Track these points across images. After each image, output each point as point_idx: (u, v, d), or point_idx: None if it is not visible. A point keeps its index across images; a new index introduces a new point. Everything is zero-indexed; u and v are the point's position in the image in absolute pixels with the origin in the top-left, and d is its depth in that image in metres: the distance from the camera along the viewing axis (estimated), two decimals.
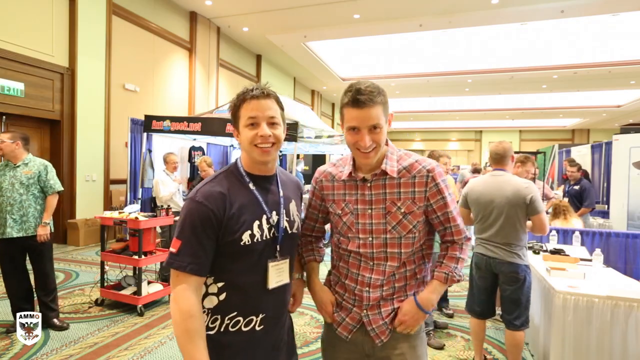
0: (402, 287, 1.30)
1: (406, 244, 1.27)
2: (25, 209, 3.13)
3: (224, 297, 1.15)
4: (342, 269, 1.35)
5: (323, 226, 1.47)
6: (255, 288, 1.17)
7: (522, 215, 2.51)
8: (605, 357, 2.35)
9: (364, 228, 1.28)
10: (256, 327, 1.18)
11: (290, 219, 1.27)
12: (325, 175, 1.38)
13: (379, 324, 1.28)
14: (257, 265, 1.17)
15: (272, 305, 1.21)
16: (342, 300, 1.35)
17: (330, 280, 1.42)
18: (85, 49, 6.56)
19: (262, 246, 1.17)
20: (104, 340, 3.11)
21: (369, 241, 1.27)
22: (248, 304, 1.17)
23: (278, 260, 1.21)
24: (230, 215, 1.11)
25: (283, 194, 1.26)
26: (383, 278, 1.28)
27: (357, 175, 1.29)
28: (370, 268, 1.28)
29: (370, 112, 1.16)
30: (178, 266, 1.07)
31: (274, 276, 1.19)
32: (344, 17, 8.75)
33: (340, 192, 1.33)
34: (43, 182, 3.20)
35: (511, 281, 2.52)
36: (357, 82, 1.20)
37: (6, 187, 3.10)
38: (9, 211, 3.08)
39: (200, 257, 1.08)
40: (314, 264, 1.44)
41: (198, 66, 9.41)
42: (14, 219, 3.09)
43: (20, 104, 5.72)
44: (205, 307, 1.16)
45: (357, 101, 1.16)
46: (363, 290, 1.29)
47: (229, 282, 1.15)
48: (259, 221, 1.17)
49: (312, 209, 1.44)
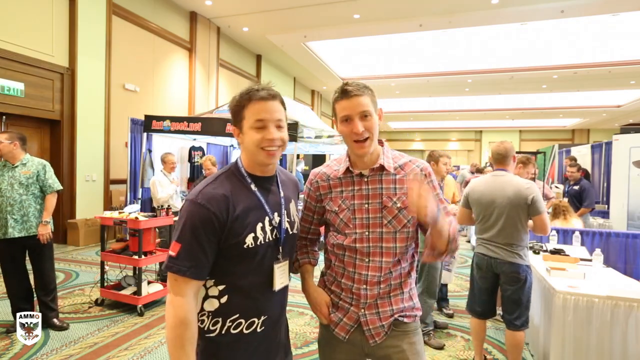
0: (399, 284, 1.33)
1: (401, 238, 1.29)
2: (25, 209, 3.13)
3: (225, 299, 1.14)
4: (337, 268, 1.36)
5: (318, 228, 1.48)
6: (259, 290, 1.16)
7: (523, 216, 2.51)
8: (605, 357, 2.35)
9: (361, 223, 1.30)
10: (257, 329, 1.17)
11: (291, 219, 1.27)
12: (319, 175, 1.40)
13: (376, 326, 1.30)
14: (259, 267, 1.16)
15: (273, 307, 1.21)
16: (339, 300, 1.35)
17: (325, 280, 1.42)
18: (85, 49, 6.55)
19: (265, 248, 1.15)
20: (104, 340, 3.11)
21: (365, 235, 1.29)
22: (251, 306, 1.15)
23: (281, 261, 1.20)
24: (234, 218, 1.09)
25: (284, 194, 1.26)
26: (380, 275, 1.29)
27: (354, 171, 1.33)
28: (366, 265, 1.29)
29: (359, 100, 1.24)
30: (177, 270, 1.05)
31: (279, 277, 1.19)
32: (344, 17, 8.75)
33: (337, 190, 1.35)
34: (42, 181, 3.21)
35: (512, 281, 2.52)
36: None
37: (5, 187, 3.10)
38: (9, 211, 3.08)
39: (200, 261, 1.06)
40: (309, 267, 1.44)
41: (198, 66, 9.41)
42: (15, 219, 3.09)
43: (20, 104, 5.72)
44: (206, 309, 1.14)
45: (346, 92, 1.25)
46: (360, 288, 1.30)
47: (230, 285, 1.14)
48: (261, 223, 1.15)
49: (306, 211, 1.44)
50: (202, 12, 9.09)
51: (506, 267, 2.53)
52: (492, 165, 2.79)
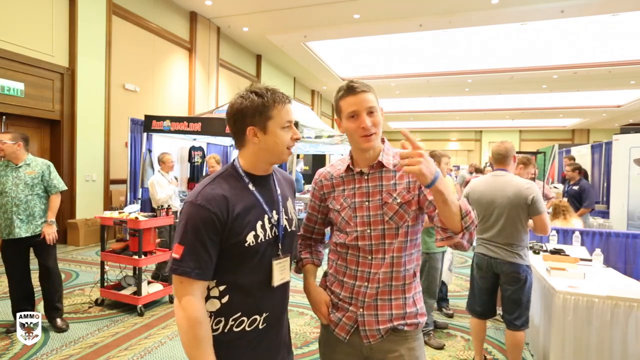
0: (401, 286, 1.30)
1: (402, 232, 1.29)
2: (31, 209, 3.14)
3: (226, 299, 1.15)
4: (340, 267, 1.36)
5: (322, 228, 1.49)
6: (260, 287, 1.18)
7: (523, 216, 2.51)
8: (605, 357, 2.35)
9: (362, 220, 1.30)
10: (259, 326, 1.19)
11: (289, 216, 1.29)
12: (324, 175, 1.42)
13: (372, 328, 1.28)
14: (260, 265, 1.17)
15: (275, 304, 1.22)
16: (339, 300, 1.35)
17: (327, 280, 1.42)
18: (85, 49, 6.55)
19: (265, 246, 1.17)
20: (104, 340, 3.11)
21: (367, 233, 1.29)
22: (252, 304, 1.17)
23: (281, 258, 1.22)
24: (234, 217, 1.11)
25: (280, 192, 1.28)
26: (382, 271, 1.28)
27: (355, 169, 1.34)
28: (369, 263, 1.29)
29: (365, 96, 1.25)
30: (182, 272, 1.05)
31: (278, 274, 1.20)
32: (344, 17, 8.75)
33: (340, 188, 1.36)
34: (47, 182, 3.22)
35: (512, 281, 2.52)
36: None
37: (10, 187, 3.10)
38: (15, 212, 3.08)
39: (204, 262, 1.07)
40: (311, 267, 1.45)
41: (198, 66, 9.41)
42: (21, 219, 3.10)
43: (20, 104, 5.71)
44: (208, 310, 1.14)
45: (352, 88, 1.26)
46: (362, 286, 1.29)
47: (231, 284, 1.15)
48: (261, 221, 1.17)
49: (311, 210, 1.47)
50: (202, 12, 9.09)
51: (506, 267, 2.53)
52: (492, 166, 2.79)
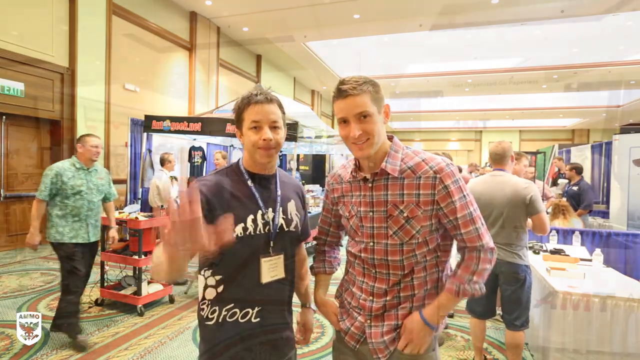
0: (408, 297, 1.21)
1: (408, 249, 1.18)
2: (97, 215, 3.20)
3: (221, 289, 1.21)
4: (351, 275, 1.33)
5: (337, 231, 1.42)
6: (249, 282, 1.21)
7: (522, 215, 2.51)
8: (605, 357, 2.35)
9: (367, 232, 1.22)
10: (252, 319, 1.22)
11: (288, 217, 1.29)
12: (335, 177, 1.36)
13: (377, 340, 1.21)
14: (250, 260, 1.21)
15: (267, 300, 1.24)
16: (350, 308, 1.31)
17: (342, 286, 1.40)
18: (85, 49, 6.55)
19: (255, 241, 1.20)
20: (104, 340, 3.11)
21: (370, 246, 1.21)
22: (243, 296, 1.22)
23: (271, 255, 1.23)
24: (224, 204, 1.16)
25: (280, 192, 1.30)
26: (387, 287, 1.21)
27: (359, 175, 1.23)
28: (373, 276, 1.23)
29: (355, 100, 1.11)
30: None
31: (267, 271, 1.23)
32: (344, 17, 8.75)
33: (348, 194, 1.28)
34: (107, 190, 3.28)
35: (512, 281, 2.52)
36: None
37: (85, 191, 3.07)
38: (88, 216, 3.09)
39: None
40: (322, 276, 1.44)
41: (198, 66, 9.41)
42: (92, 223, 3.12)
43: (20, 104, 5.71)
44: (206, 298, 1.22)
45: (340, 91, 1.13)
46: (367, 300, 1.24)
47: (226, 275, 1.21)
48: (253, 216, 1.21)
49: (325, 212, 1.43)
50: (202, 12, 9.09)
51: (505, 267, 2.53)
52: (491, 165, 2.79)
